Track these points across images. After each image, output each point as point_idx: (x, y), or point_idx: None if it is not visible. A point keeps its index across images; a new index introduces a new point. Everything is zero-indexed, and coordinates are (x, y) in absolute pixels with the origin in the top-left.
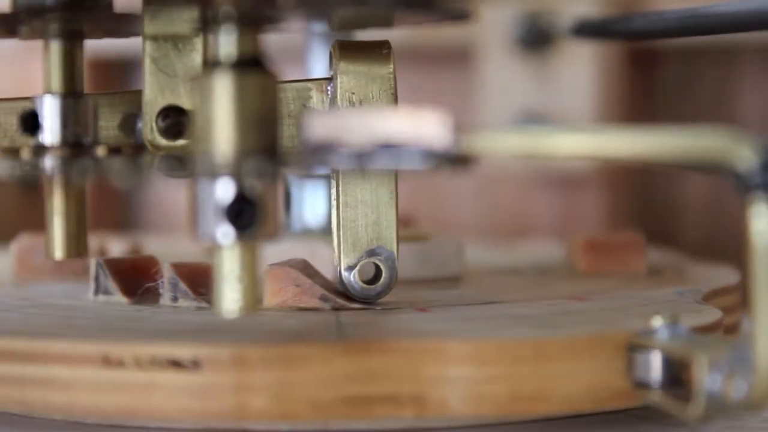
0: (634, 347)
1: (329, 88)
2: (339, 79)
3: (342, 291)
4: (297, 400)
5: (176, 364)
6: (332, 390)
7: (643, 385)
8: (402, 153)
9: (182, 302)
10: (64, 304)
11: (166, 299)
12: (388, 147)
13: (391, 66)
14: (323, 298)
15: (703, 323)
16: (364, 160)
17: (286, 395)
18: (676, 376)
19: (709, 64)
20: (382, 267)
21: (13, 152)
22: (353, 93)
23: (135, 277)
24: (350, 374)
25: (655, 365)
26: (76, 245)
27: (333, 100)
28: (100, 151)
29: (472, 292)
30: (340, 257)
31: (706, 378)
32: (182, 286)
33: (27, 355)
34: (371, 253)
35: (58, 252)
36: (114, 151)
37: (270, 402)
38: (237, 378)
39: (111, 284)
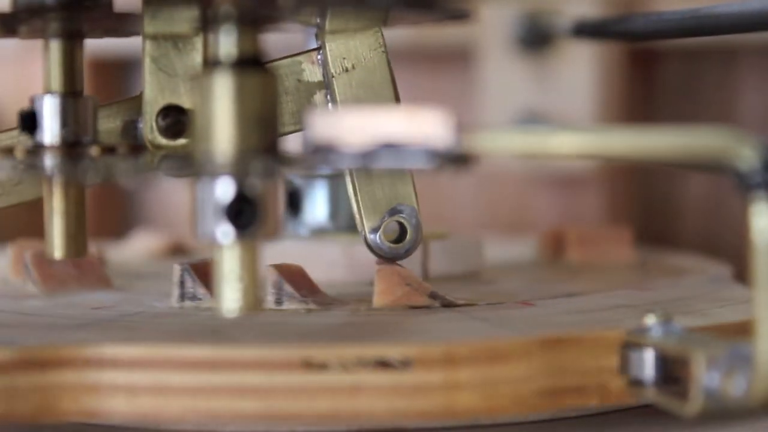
0: (628, 345)
1: (319, 58)
2: (328, 47)
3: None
4: (501, 395)
5: (384, 364)
6: (531, 383)
7: (637, 383)
8: (403, 152)
9: (288, 305)
10: (167, 312)
11: (269, 302)
12: (390, 147)
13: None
14: (432, 296)
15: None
16: (365, 159)
17: (491, 391)
18: (671, 373)
19: (709, 64)
20: (406, 224)
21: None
22: (344, 58)
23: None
24: (546, 367)
25: (649, 363)
26: (76, 245)
27: (325, 69)
28: (100, 151)
29: (526, 286)
30: (362, 222)
31: (705, 375)
32: (288, 288)
33: (214, 364)
34: (393, 211)
35: (58, 252)
36: (114, 150)
37: (476, 398)
38: (446, 376)
39: (200, 290)
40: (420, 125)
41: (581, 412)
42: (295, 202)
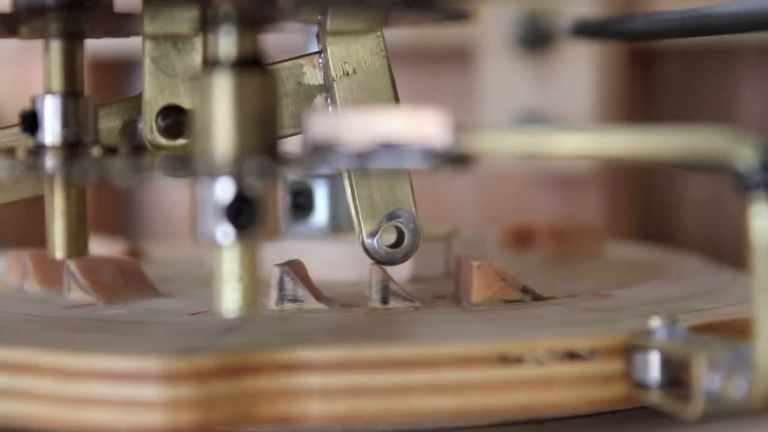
0: (633, 347)
1: (320, 61)
2: (329, 51)
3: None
4: None
5: (573, 355)
6: None
7: (642, 386)
8: (402, 153)
9: (394, 303)
10: (284, 315)
11: (374, 302)
12: (389, 147)
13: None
14: (524, 290)
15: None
16: (364, 159)
17: None
18: (675, 376)
19: (709, 64)
20: (403, 229)
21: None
22: (345, 62)
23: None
24: None
25: (653, 365)
26: (77, 245)
27: (326, 72)
28: (101, 151)
29: (559, 279)
30: (360, 226)
31: (706, 377)
32: (394, 287)
33: (410, 363)
34: (391, 216)
35: (59, 252)
36: (114, 151)
37: None
38: (625, 365)
39: (301, 291)
40: (419, 125)
41: (581, 413)
42: (302, 202)
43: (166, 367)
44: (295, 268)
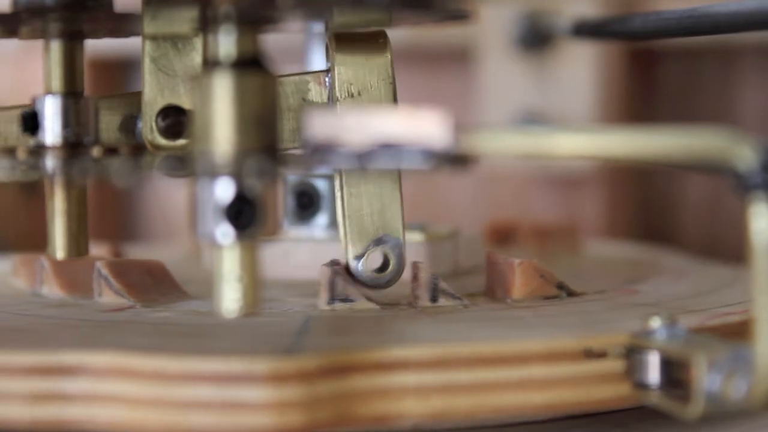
0: (633, 348)
1: (327, 79)
2: (337, 70)
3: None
4: None
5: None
6: None
7: (642, 386)
8: (402, 153)
9: (444, 301)
10: (342, 314)
11: (424, 300)
12: (388, 147)
13: (388, 54)
14: (560, 287)
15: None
16: (364, 159)
17: None
18: (675, 376)
19: (709, 64)
20: (389, 255)
21: (13, 152)
22: (351, 84)
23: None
24: None
25: (653, 366)
26: (77, 245)
27: (332, 91)
28: (101, 151)
29: (576, 275)
30: (347, 247)
31: (706, 378)
32: (443, 285)
33: (502, 359)
34: (378, 241)
35: (60, 252)
36: (114, 151)
37: None
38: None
39: (352, 291)
40: (419, 125)
41: (581, 413)
42: (306, 202)
43: (273, 368)
44: (348, 268)
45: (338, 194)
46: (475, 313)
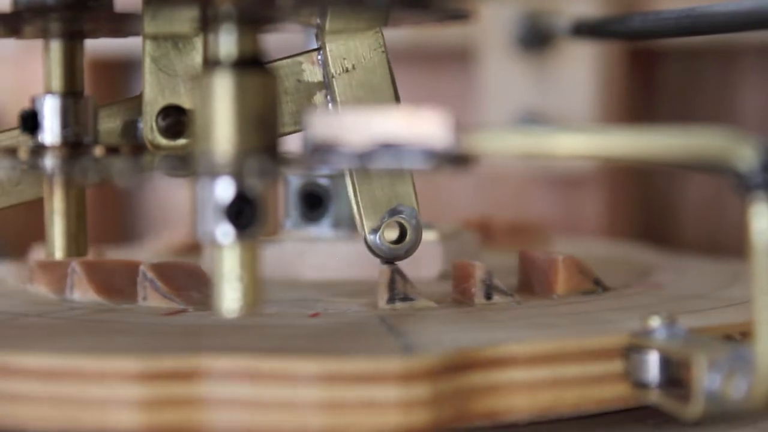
0: (632, 347)
1: (319, 58)
2: (328, 48)
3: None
4: None
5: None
6: None
7: (642, 386)
8: (402, 153)
9: (497, 299)
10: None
11: (479, 297)
12: (389, 147)
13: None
14: (596, 282)
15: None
16: (364, 159)
17: None
18: (675, 376)
19: (709, 64)
20: (406, 225)
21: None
22: (344, 58)
23: (457, 281)
24: None
25: (653, 365)
26: (77, 245)
27: (325, 69)
28: (101, 151)
29: None
30: (362, 223)
31: (706, 377)
32: (496, 283)
33: (602, 353)
34: (393, 212)
35: (59, 252)
36: (114, 150)
37: None
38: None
39: (411, 289)
40: (419, 125)
41: (582, 413)
42: (315, 202)
43: (403, 367)
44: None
45: (347, 171)
46: (536, 310)
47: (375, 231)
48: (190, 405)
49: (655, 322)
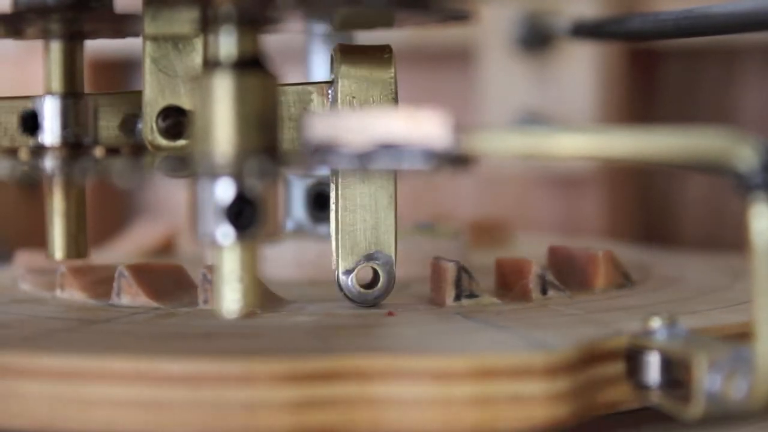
0: (634, 348)
1: (330, 91)
2: (340, 83)
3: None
4: None
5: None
6: None
7: (643, 387)
8: (402, 153)
9: (552, 294)
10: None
11: (536, 293)
12: (388, 147)
13: (392, 70)
14: (625, 276)
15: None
16: (364, 160)
17: None
18: (676, 376)
19: (709, 64)
20: (379, 272)
21: (13, 152)
22: (354, 97)
23: (506, 278)
24: None
25: (654, 366)
26: (77, 246)
27: (334, 103)
28: (101, 152)
29: None
30: (338, 261)
31: (706, 378)
32: (551, 278)
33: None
34: (369, 257)
35: (59, 253)
36: (114, 151)
37: None
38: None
39: (477, 287)
40: (419, 126)
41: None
42: (324, 203)
43: (548, 362)
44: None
45: (333, 207)
46: (596, 304)
47: (348, 272)
48: (340, 405)
49: (655, 322)
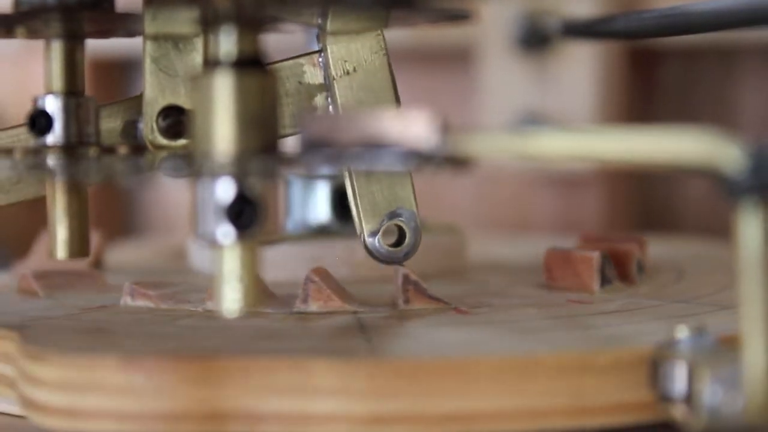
0: (659, 358)
1: (320, 60)
2: (329, 50)
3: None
4: None
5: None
6: None
7: (668, 398)
8: (395, 154)
9: (612, 285)
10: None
11: (596, 285)
12: (383, 148)
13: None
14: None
15: None
16: (360, 160)
17: None
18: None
19: (709, 64)
20: (405, 227)
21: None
22: (346, 60)
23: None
24: None
25: (679, 377)
26: (79, 245)
27: (326, 71)
28: (102, 152)
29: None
30: (362, 225)
31: (707, 390)
32: (608, 271)
33: None
34: (392, 215)
35: (61, 252)
36: (115, 151)
37: None
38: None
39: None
40: (406, 126)
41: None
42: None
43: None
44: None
45: (346, 173)
46: (657, 298)
47: (374, 234)
48: None
49: (681, 332)
